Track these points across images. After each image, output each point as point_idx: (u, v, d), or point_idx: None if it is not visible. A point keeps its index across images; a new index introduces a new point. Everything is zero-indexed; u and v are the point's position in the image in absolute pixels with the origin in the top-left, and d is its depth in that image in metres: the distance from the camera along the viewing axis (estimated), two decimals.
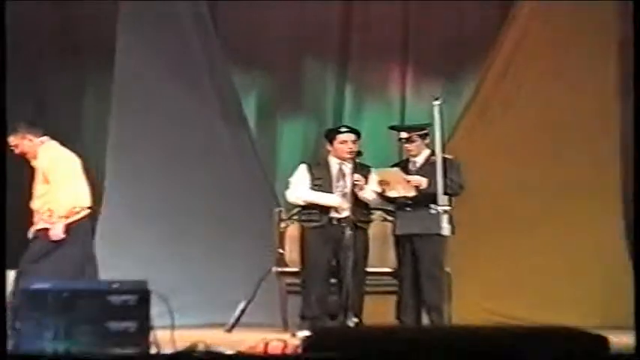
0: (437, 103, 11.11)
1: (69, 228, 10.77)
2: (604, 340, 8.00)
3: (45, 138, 11.21)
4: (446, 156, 11.02)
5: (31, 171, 11.08)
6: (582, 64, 12.62)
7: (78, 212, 10.81)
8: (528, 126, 12.35)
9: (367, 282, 11.44)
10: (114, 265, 11.81)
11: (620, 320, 11.03)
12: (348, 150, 11.34)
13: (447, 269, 11.11)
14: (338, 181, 11.38)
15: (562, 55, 12.57)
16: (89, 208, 10.96)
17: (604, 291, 11.98)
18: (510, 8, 13.07)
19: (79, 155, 12.16)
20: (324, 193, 11.33)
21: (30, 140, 11.18)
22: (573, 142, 12.47)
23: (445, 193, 10.80)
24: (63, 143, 12.54)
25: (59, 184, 10.88)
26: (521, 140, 12.26)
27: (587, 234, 12.31)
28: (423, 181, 10.99)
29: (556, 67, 12.56)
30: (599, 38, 12.68)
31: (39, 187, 11.05)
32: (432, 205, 10.82)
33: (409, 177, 11.08)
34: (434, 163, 10.91)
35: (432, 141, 11.10)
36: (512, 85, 12.66)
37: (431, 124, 11.13)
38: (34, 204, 11.02)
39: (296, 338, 9.38)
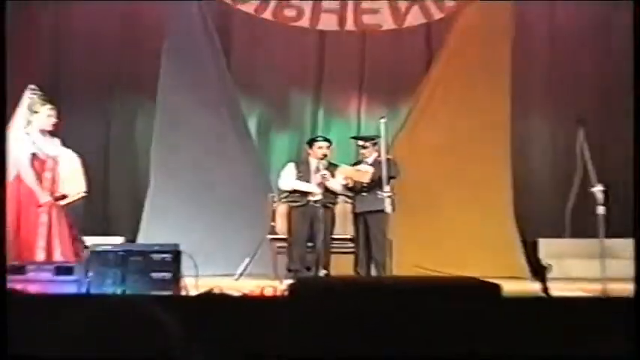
0: (382, 121, 11.38)
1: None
2: (496, 286, 8.35)
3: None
4: (388, 157, 11.37)
5: None
6: (482, 84, 12.81)
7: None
8: (444, 135, 12.43)
9: (333, 245, 11.69)
10: (158, 227, 12.28)
11: (511, 271, 11.42)
12: (322, 153, 11.65)
13: (389, 237, 11.41)
14: (315, 174, 11.59)
15: (467, 84, 12.79)
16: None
17: (499, 251, 12.17)
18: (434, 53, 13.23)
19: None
20: (305, 183, 11.59)
21: None
22: (476, 143, 12.64)
23: (388, 181, 11.20)
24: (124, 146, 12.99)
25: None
26: (440, 145, 12.33)
27: (487, 210, 12.51)
28: (369, 169, 11.29)
29: (462, 96, 12.76)
30: (495, 49, 12.84)
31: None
32: (379, 192, 11.12)
33: (361, 167, 11.39)
34: (380, 162, 11.24)
35: (379, 147, 11.43)
36: (434, 108, 12.78)
37: (378, 136, 11.42)
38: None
39: (283, 285, 9.68)
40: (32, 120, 11.09)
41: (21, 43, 12.48)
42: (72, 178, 10.95)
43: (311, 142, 12.00)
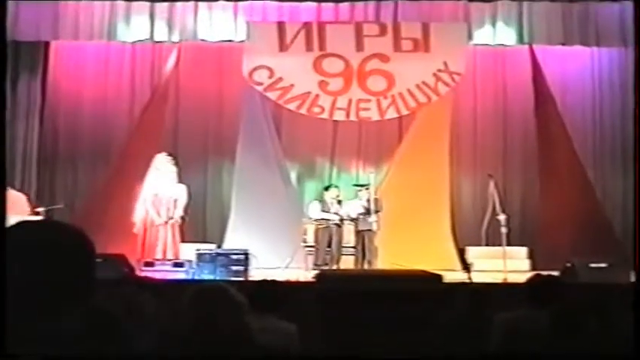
0: (371, 175, 11.50)
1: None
2: (439, 276, 8.36)
3: None
4: (375, 197, 11.40)
5: None
6: (430, 153, 12.70)
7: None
8: (408, 183, 12.35)
9: (342, 250, 11.65)
10: (235, 238, 12.20)
11: (449, 266, 11.38)
12: (335, 195, 11.69)
13: (376, 245, 11.39)
14: (331, 207, 11.63)
15: (422, 152, 12.65)
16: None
17: (442, 254, 12.01)
18: (403, 134, 13.18)
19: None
20: (326, 213, 11.59)
21: None
22: (427, 188, 12.49)
23: (375, 212, 11.22)
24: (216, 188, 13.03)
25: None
26: (405, 189, 12.22)
27: (435, 230, 12.37)
28: (357, 209, 11.46)
29: (419, 159, 12.57)
30: (439, 130, 12.72)
31: None
32: (369, 218, 11.17)
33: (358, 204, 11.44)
34: (370, 199, 11.28)
35: (370, 190, 11.44)
36: (402, 167, 12.67)
37: (369, 184, 11.49)
38: None
39: (311, 274, 9.68)
40: (159, 172, 11.27)
41: (156, 118, 12.51)
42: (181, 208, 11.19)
43: (327, 188, 12.04)
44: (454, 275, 10.05)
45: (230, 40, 12.69)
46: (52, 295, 1.73)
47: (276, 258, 11.43)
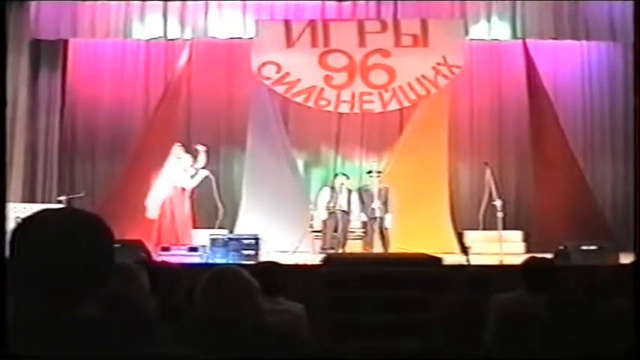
0: (374, 163, 11.48)
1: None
2: (439, 259, 8.34)
3: None
4: (384, 185, 11.40)
5: None
6: (430, 142, 12.59)
7: None
8: (408, 170, 12.25)
9: (349, 235, 11.62)
10: (246, 223, 12.16)
11: (449, 249, 11.37)
12: (341, 182, 11.63)
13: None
14: (340, 194, 11.53)
15: (422, 142, 12.54)
16: None
17: (442, 238, 12.01)
18: (404, 125, 13.13)
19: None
20: (334, 197, 11.56)
21: None
22: (428, 175, 12.44)
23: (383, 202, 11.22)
24: (226, 176, 12.97)
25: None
26: (406, 176, 12.14)
27: (436, 216, 12.32)
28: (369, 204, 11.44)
29: (419, 149, 12.50)
30: (437, 122, 12.64)
31: None
32: (373, 204, 11.15)
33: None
34: (375, 191, 11.28)
35: (381, 177, 11.44)
36: (403, 156, 12.60)
37: (382, 171, 11.52)
38: None
39: (318, 258, 9.67)
40: (179, 162, 11.28)
41: (170, 111, 12.52)
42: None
43: (335, 176, 12.05)
44: (453, 258, 10.07)
45: (239, 38, 12.69)
46: (72, 280, 1.71)
47: (285, 242, 11.44)
